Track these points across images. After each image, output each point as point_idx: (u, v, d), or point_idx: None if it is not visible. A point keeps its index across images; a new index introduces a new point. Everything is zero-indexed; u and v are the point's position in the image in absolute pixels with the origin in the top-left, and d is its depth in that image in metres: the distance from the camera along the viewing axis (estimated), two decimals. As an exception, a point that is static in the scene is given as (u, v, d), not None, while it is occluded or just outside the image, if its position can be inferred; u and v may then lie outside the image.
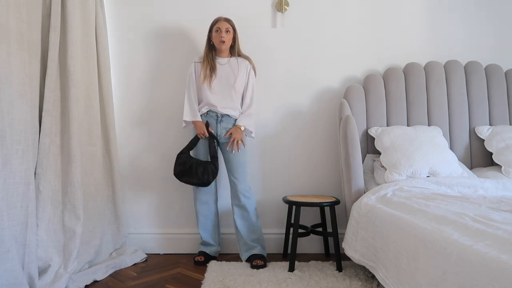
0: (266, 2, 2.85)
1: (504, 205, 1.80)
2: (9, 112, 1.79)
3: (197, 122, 2.47)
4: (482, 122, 2.73)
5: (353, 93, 2.69)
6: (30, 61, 1.97)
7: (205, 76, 2.46)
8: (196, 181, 2.42)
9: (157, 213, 2.83)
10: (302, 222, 2.60)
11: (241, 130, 2.47)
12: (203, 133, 2.45)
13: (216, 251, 2.62)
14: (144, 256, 2.64)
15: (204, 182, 2.42)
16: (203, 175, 2.40)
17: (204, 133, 2.44)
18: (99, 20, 2.55)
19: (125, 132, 2.81)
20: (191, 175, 2.42)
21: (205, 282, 2.14)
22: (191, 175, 2.42)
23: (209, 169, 2.41)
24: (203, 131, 2.45)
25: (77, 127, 2.26)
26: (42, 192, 2.08)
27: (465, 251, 1.24)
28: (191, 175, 2.42)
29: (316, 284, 2.09)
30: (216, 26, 2.47)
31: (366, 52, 2.87)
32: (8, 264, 1.68)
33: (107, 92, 2.60)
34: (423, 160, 2.32)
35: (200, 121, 2.48)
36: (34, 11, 2.03)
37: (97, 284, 2.19)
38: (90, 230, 2.34)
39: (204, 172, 2.40)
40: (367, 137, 2.67)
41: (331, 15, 2.87)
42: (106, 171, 2.60)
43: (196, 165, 2.42)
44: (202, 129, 2.45)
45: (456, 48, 2.90)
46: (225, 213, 2.75)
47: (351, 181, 2.32)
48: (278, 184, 2.84)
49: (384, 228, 1.84)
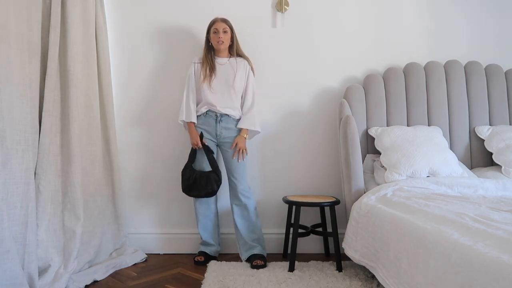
0: (266, 2, 2.85)
1: (504, 205, 1.80)
2: (9, 112, 1.79)
3: (191, 129, 2.50)
4: (482, 122, 2.73)
5: (353, 93, 2.69)
6: (30, 61, 1.97)
7: (205, 76, 2.47)
8: (203, 193, 2.45)
9: (157, 213, 2.83)
10: (302, 222, 2.60)
11: (244, 138, 2.50)
12: (196, 144, 2.47)
13: (216, 251, 2.62)
14: (144, 256, 2.64)
15: (208, 192, 2.45)
16: (206, 186, 2.44)
17: (198, 143, 2.47)
18: (99, 20, 2.55)
19: (125, 132, 2.81)
20: (197, 188, 2.46)
21: (205, 282, 2.14)
22: (197, 188, 2.45)
23: (212, 179, 2.44)
24: (196, 141, 2.47)
25: (77, 127, 2.26)
26: (42, 192, 2.08)
27: (465, 251, 1.24)
28: (197, 188, 2.45)
29: (316, 284, 2.09)
30: (213, 27, 2.49)
31: (366, 52, 2.87)
32: (8, 264, 1.68)
33: (107, 92, 2.60)
34: (423, 160, 2.32)
35: (195, 129, 2.50)
36: (34, 11, 2.03)
37: (97, 284, 2.19)
38: (90, 230, 2.34)
39: (207, 183, 2.44)
40: (367, 137, 2.67)
41: (331, 15, 2.86)
42: (106, 171, 2.60)
43: (200, 178, 2.45)
44: (196, 139, 2.47)
45: (456, 48, 2.90)
46: (225, 213, 2.75)
47: (351, 181, 2.32)
48: (278, 184, 2.84)
49: (384, 228, 1.84)
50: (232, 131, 2.53)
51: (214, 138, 2.53)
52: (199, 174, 2.46)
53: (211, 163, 2.47)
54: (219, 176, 2.48)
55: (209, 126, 2.51)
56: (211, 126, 2.51)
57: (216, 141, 2.54)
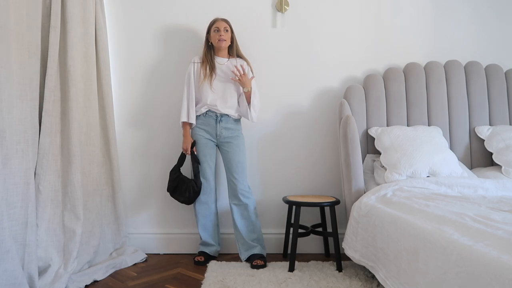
0: (266, 2, 2.85)
1: (504, 205, 1.80)
2: (9, 112, 1.79)
3: (186, 132, 2.52)
4: (482, 122, 2.73)
5: (353, 93, 2.69)
6: (30, 61, 1.97)
7: (205, 76, 2.48)
8: (182, 199, 2.50)
9: (157, 213, 2.83)
10: (302, 222, 2.60)
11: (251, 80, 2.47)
12: (186, 150, 2.52)
13: (216, 251, 2.62)
14: (144, 256, 2.64)
15: (186, 199, 2.49)
16: (185, 192, 2.48)
17: (187, 150, 2.51)
18: (99, 20, 2.55)
19: (125, 132, 2.81)
20: (178, 192, 2.51)
21: (205, 282, 2.14)
22: (179, 192, 2.51)
23: (190, 187, 2.47)
24: (186, 147, 2.51)
25: (77, 127, 2.26)
26: (42, 192, 2.08)
27: (465, 251, 1.24)
28: (179, 192, 2.51)
29: (316, 284, 2.09)
30: (214, 26, 2.50)
31: (366, 52, 2.87)
32: (8, 264, 1.68)
33: (107, 92, 2.60)
34: (423, 160, 2.32)
35: (189, 134, 2.53)
36: (34, 11, 2.03)
37: (97, 284, 2.19)
38: (90, 230, 2.34)
39: (186, 190, 2.48)
40: (367, 137, 2.67)
41: (331, 15, 2.87)
42: (106, 171, 2.60)
43: (181, 183, 2.50)
44: (187, 145, 2.51)
45: (456, 48, 2.90)
46: (225, 213, 2.75)
47: (351, 181, 2.32)
48: (278, 184, 2.84)
49: (384, 228, 1.84)
50: (232, 131, 2.53)
51: (214, 138, 2.53)
52: (182, 180, 2.51)
53: (194, 172, 2.50)
54: (199, 186, 2.49)
55: (209, 126, 2.52)
56: (211, 126, 2.51)
57: (216, 141, 2.54)
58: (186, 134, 2.53)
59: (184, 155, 2.57)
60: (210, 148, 2.54)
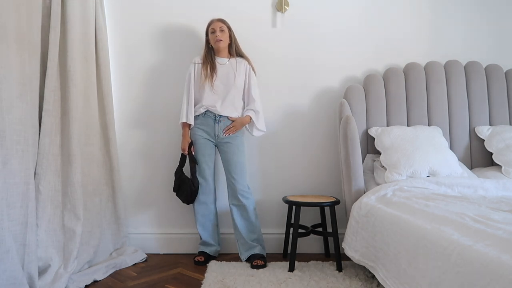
0: (266, 2, 2.85)
1: (504, 205, 1.80)
2: (9, 112, 1.79)
3: (185, 133, 2.54)
4: (482, 122, 2.73)
5: (353, 93, 2.68)
6: (30, 61, 1.97)
7: (206, 76, 2.48)
8: (182, 198, 2.55)
9: (157, 213, 2.83)
10: (302, 222, 2.60)
11: (247, 120, 2.53)
12: (183, 150, 2.54)
13: (216, 250, 2.62)
14: (144, 256, 2.64)
15: (185, 198, 2.53)
16: (184, 192, 2.51)
17: (185, 150, 2.54)
18: (99, 20, 2.55)
19: (125, 132, 2.81)
20: (180, 192, 2.55)
21: (205, 282, 2.14)
22: (181, 192, 2.55)
23: (187, 187, 2.50)
24: (184, 147, 2.54)
25: (77, 127, 2.26)
26: (42, 192, 2.08)
27: (465, 251, 1.24)
28: (181, 192, 2.55)
29: (316, 284, 2.09)
30: (210, 27, 2.52)
31: (366, 52, 2.87)
32: (8, 264, 1.68)
33: (107, 92, 2.60)
34: (423, 160, 2.32)
35: (188, 135, 2.54)
36: (34, 11, 2.03)
37: (97, 284, 2.19)
38: (90, 230, 2.34)
39: (184, 190, 2.51)
40: (367, 137, 2.67)
41: (331, 15, 2.87)
42: (106, 171, 2.60)
43: (183, 183, 2.53)
44: (185, 145, 2.54)
45: (456, 48, 2.90)
46: (225, 213, 2.75)
47: (351, 181, 2.32)
48: (278, 184, 2.84)
49: (384, 228, 1.84)
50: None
51: (212, 138, 2.53)
52: (183, 180, 2.53)
53: (191, 172, 2.52)
54: (196, 186, 2.51)
55: (207, 126, 2.52)
56: (209, 126, 2.51)
57: (215, 141, 2.54)
58: (185, 135, 2.54)
59: (184, 155, 2.58)
60: (209, 148, 2.54)
